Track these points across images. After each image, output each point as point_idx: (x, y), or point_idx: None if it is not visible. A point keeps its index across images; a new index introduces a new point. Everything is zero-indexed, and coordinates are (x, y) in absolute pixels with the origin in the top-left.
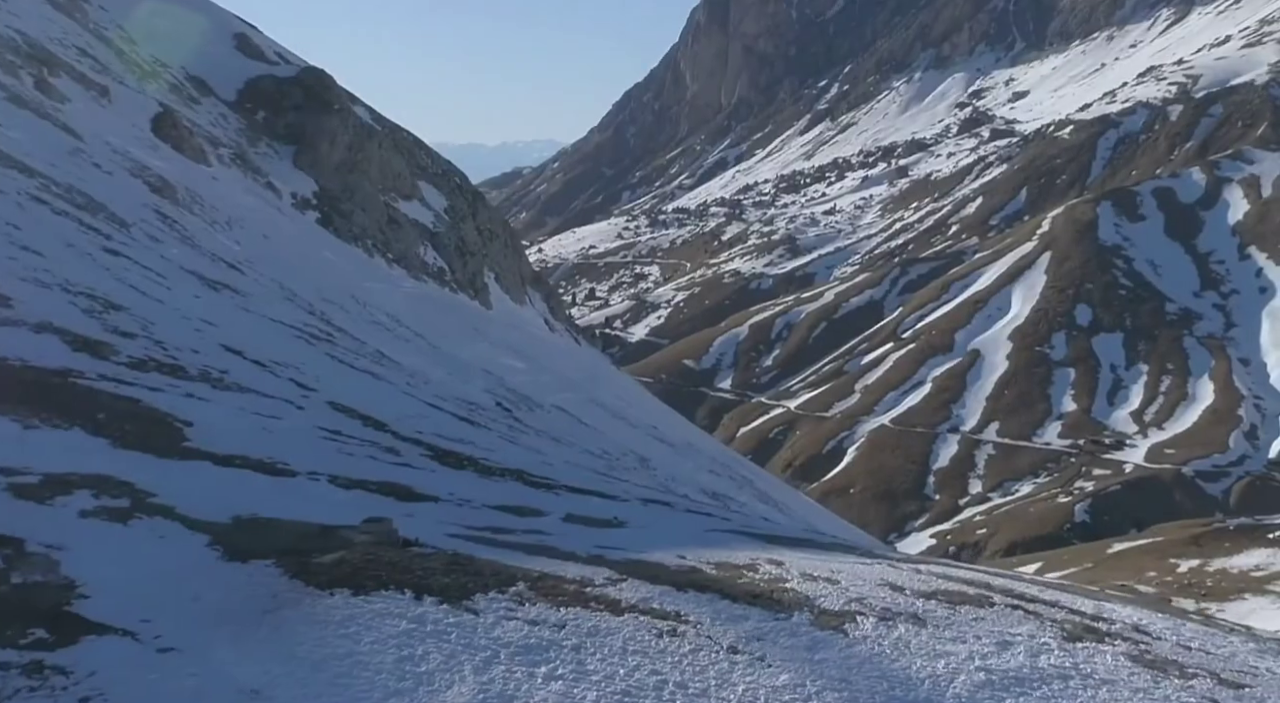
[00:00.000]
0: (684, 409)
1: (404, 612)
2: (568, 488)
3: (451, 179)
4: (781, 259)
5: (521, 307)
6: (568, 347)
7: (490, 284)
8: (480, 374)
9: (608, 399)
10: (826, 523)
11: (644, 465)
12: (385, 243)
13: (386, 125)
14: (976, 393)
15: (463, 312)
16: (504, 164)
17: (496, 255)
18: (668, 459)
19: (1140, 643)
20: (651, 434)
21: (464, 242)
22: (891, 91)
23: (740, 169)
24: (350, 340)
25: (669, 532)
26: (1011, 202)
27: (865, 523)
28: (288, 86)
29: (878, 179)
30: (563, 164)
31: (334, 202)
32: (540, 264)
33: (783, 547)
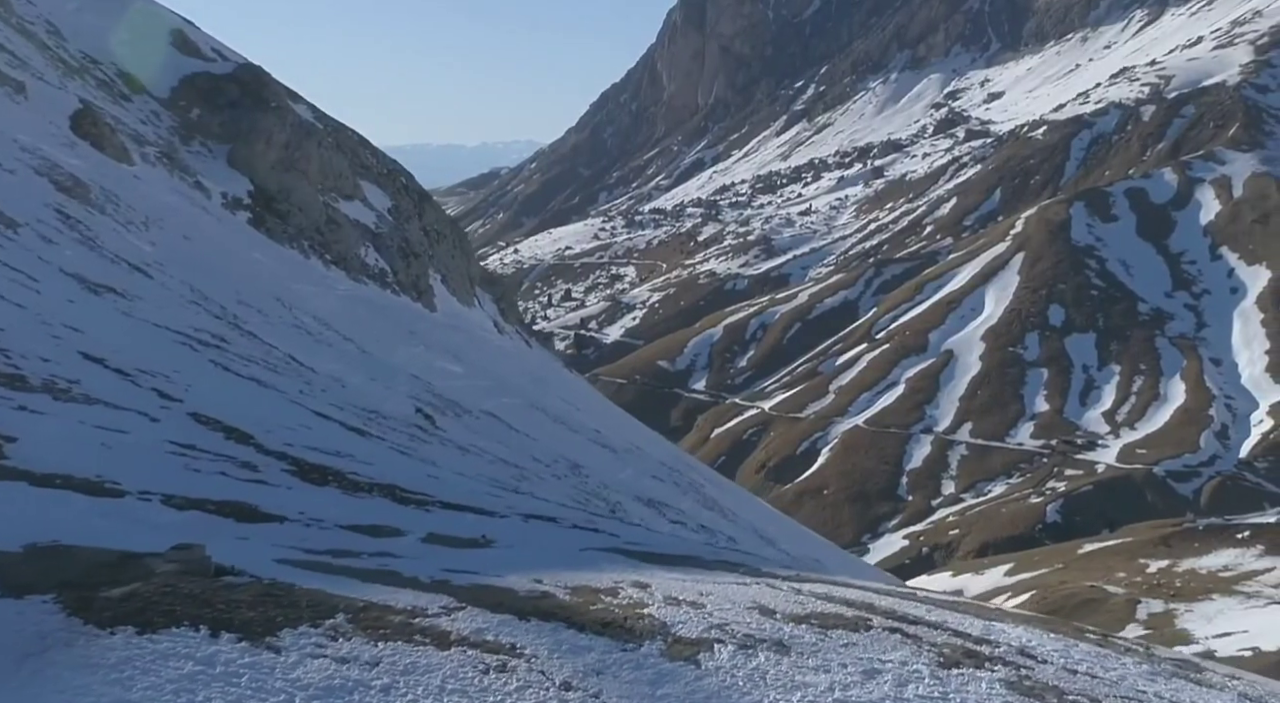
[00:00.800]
0: (658, 411)
1: (193, 652)
2: (442, 504)
3: (397, 179)
4: (757, 260)
5: (470, 309)
6: (516, 350)
7: (436, 286)
8: (407, 380)
9: (551, 403)
10: (777, 529)
11: (575, 473)
12: (324, 244)
13: (330, 124)
14: (950, 393)
15: (402, 314)
16: (483, 165)
17: (443, 257)
18: (606, 465)
19: (1022, 668)
20: (593, 439)
21: (408, 242)
22: (867, 92)
23: (717, 170)
24: (255, 345)
25: (538, 552)
26: (985, 202)
27: (839, 525)
28: (223, 83)
29: (853, 180)
30: (540, 165)
31: (269, 201)
32: (516, 265)
33: (659, 566)
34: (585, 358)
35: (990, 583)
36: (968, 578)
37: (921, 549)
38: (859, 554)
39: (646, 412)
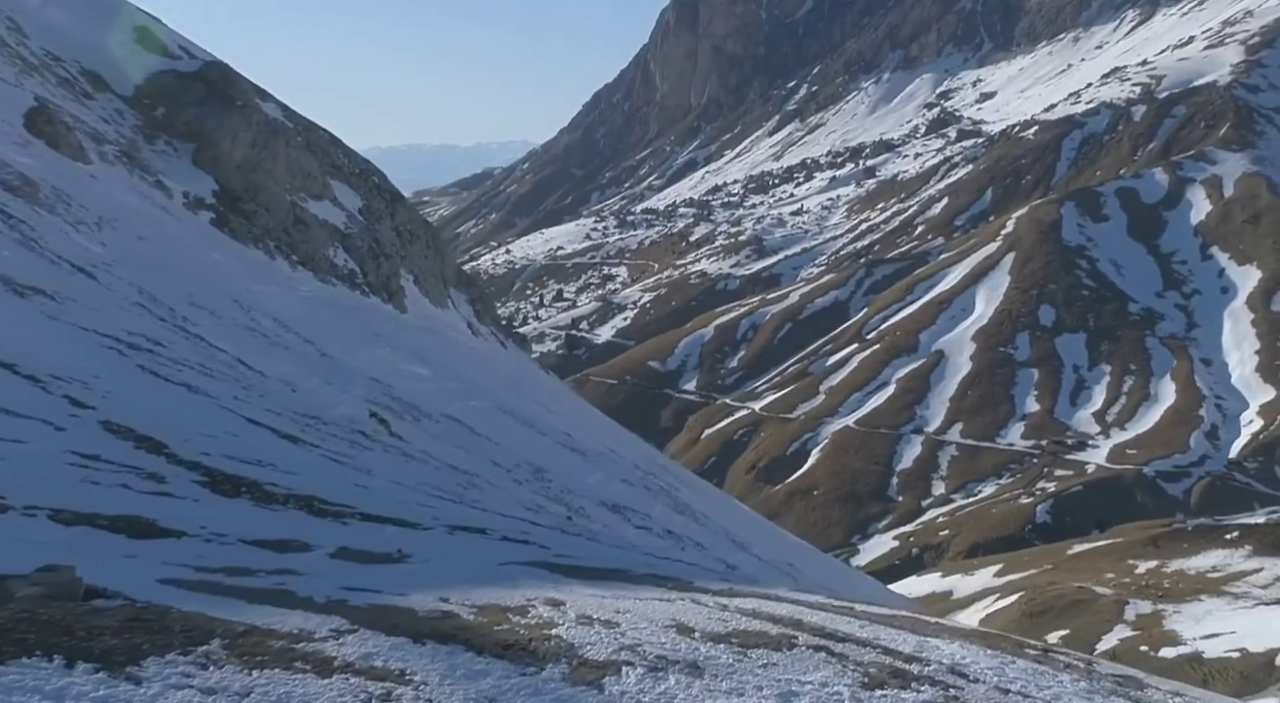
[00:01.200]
0: (649, 411)
1: (42, 684)
2: (363, 516)
3: (369, 178)
4: (748, 260)
5: (443, 310)
6: (490, 351)
7: (408, 287)
8: (366, 383)
9: (522, 406)
10: (753, 533)
11: (538, 477)
12: (291, 244)
13: (300, 122)
14: (940, 394)
15: (368, 316)
16: (478, 165)
17: (416, 257)
18: (573, 469)
19: (951, 688)
20: (563, 443)
21: (379, 243)
22: (860, 92)
23: (709, 170)
24: (198, 349)
25: (454, 567)
26: (977, 202)
27: (829, 525)
28: (189, 82)
29: (845, 180)
30: (532, 165)
31: (235, 201)
32: (508, 265)
33: (581, 581)
34: (576, 358)
35: (980, 584)
36: (957, 579)
37: (911, 550)
38: (849, 555)
39: (637, 412)
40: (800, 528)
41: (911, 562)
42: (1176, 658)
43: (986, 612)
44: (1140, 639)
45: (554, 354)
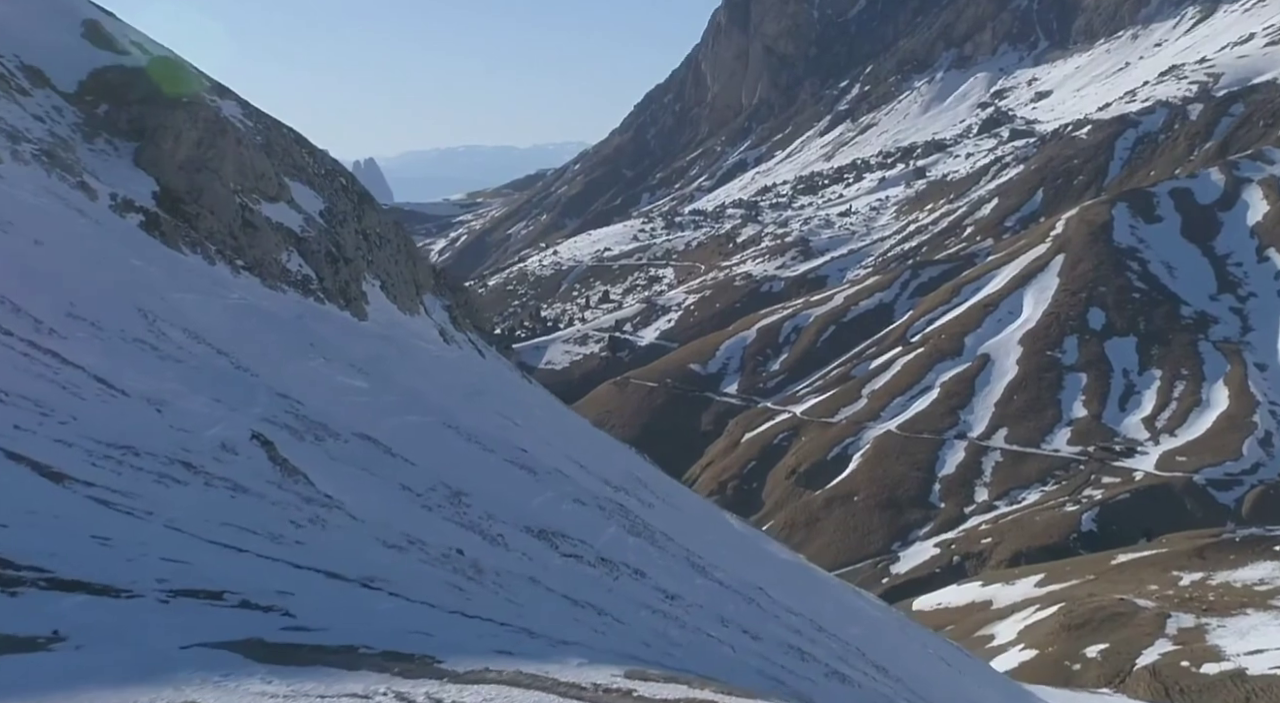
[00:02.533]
0: (688, 414)
1: None
2: (49, 582)
3: (336, 179)
4: (794, 262)
5: (412, 316)
6: (458, 360)
7: (370, 292)
8: (270, 400)
9: (475, 420)
10: (725, 554)
11: (454, 502)
12: (237, 249)
13: (263, 121)
14: (985, 398)
15: (312, 324)
16: (535, 166)
17: (384, 261)
18: (511, 491)
19: None
20: (514, 459)
21: (340, 247)
22: (913, 92)
23: (760, 170)
24: (34, 367)
25: (108, 654)
26: (1027, 203)
27: (868, 532)
28: (135, 77)
29: (895, 180)
30: (584, 166)
31: (176, 203)
32: (555, 266)
33: (268, 670)
34: (619, 361)
35: (1020, 594)
36: (997, 588)
37: (953, 558)
38: (888, 563)
39: (677, 415)
40: (839, 535)
41: (952, 570)
42: (1219, 675)
43: (1025, 624)
44: (1181, 654)
45: (596, 356)
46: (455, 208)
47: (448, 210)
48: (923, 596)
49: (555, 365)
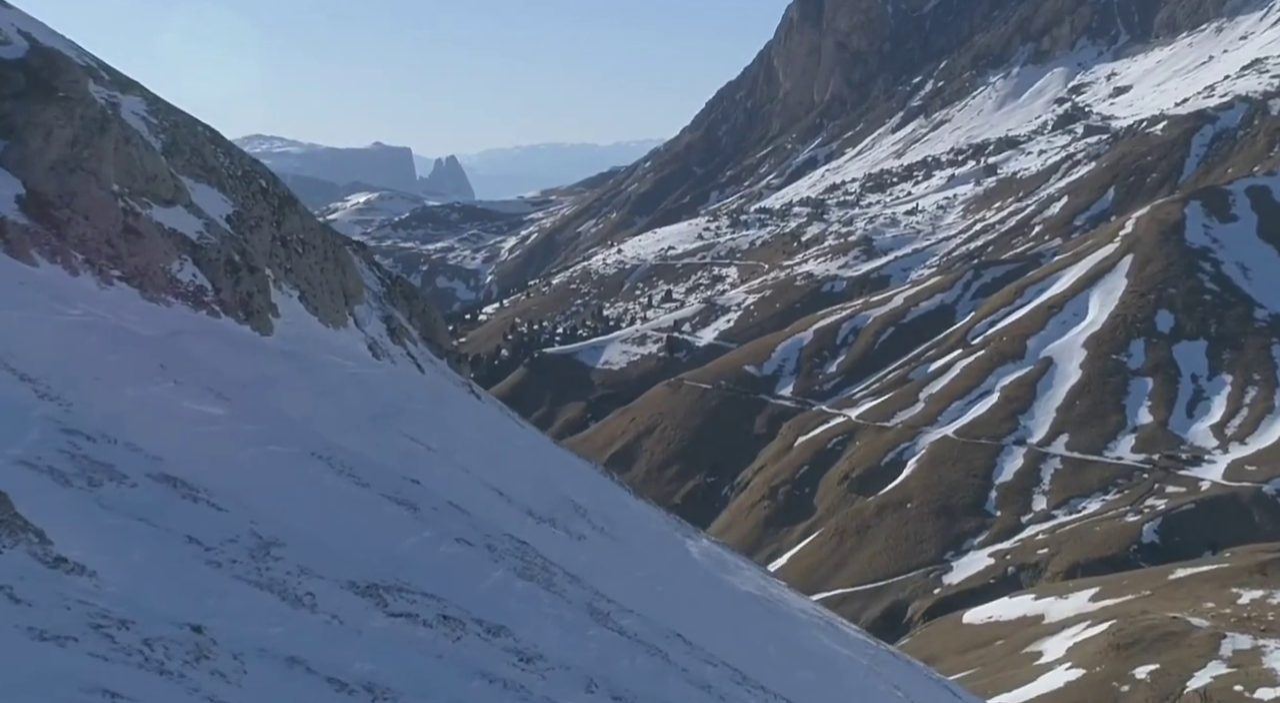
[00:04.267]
0: (742, 417)
1: None
2: None
3: (255, 181)
4: (856, 261)
5: (337, 329)
6: (380, 377)
7: (284, 304)
8: (44, 435)
9: (364, 448)
10: (647, 596)
11: (258, 555)
12: (115, 258)
13: (171, 118)
14: (1046, 403)
15: (183, 342)
16: (616, 163)
17: (306, 270)
18: (367, 533)
19: None
20: (391, 495)
21: (245, 254)
22: (988, 87)
23: (829, 168)
24: None
25: None
26: (1098, 201)
27: (921, 540)
28: (9, 71)
29: (964, 178)
30: (654, 163)
31: (45, 208)
32: (619, 265)
33: None
34: (677, 361)
35: (1074, 608)
36: (1050, 602)
37: (1007, 569)
38: (940, 573)
39: (730, 418)
40: (891, 543)
41: (1007, 581)
42: (1273, 701)
43: (1075, 641)
44: (1235, 678)
45: (654, 356)
46: (527, 206)
47: (520, 208)
48: (974, 608)
49: (613, 365)
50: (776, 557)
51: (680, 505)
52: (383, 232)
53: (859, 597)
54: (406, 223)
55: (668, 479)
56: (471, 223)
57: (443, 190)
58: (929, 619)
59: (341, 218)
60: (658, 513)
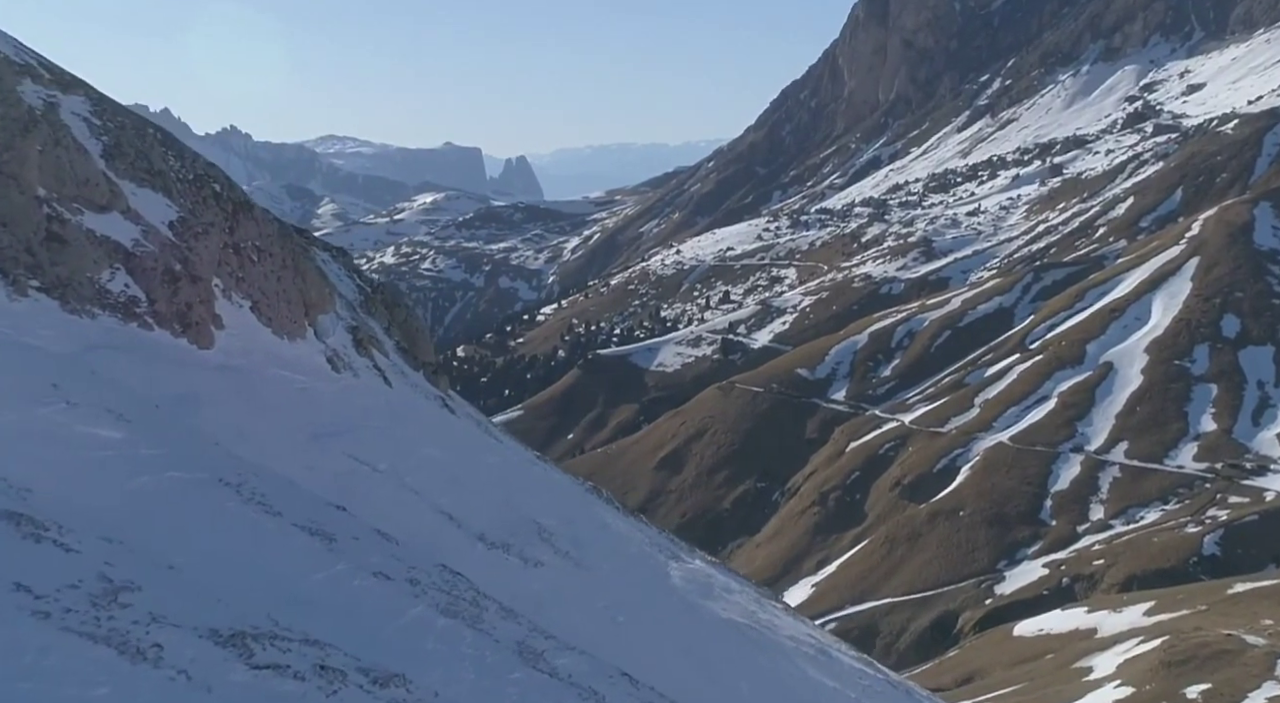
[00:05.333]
0: (793, 421)
1: None
2: None
3: (207, 186)
4: (915, 263)
5: (293, 340)
6: (334, 392)
7: (231, 314)
8: None
9: (293, 471)
10: (594, 630)
11: (101, 603)
12: (34, 267)
13: (117, 119)
14: (1105, 410)
15: (96, 359)
16: (686, 163)
17: (259, 278)
18: (271, 567)
19: None
20: (305, 525)
21: (189, 263)
22: (1057, 85)
23: (893, 168)
24: None
25: None
26: (1164, 202)
27: (973, 549)
28: None
29: (1029, 178)
30: (717, 163)
31: None
32: (677, 266)
33: None
34: (731, 364)
35: (1127, 622)
36: (1103, 616)
37: (1061, 580)
38: (992, 583)
39: (782, 422)
40: (942, 551)
41: (1061, 592)
42: None
43: (1126, 657)
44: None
45: (709, 359)
46: (591, 206)
47: (583, 209)
48: (1025, 620)
49: (667, 367)
50: (825, 564)
51: (729, 511)
52: (447, 231)
53: (908, 606)
54: (470, 223)
55: (717, 484)
56: (535, 223)
57: (512, 190)
58: (979, 631)
59: (408, 217)
60: (647, 532)
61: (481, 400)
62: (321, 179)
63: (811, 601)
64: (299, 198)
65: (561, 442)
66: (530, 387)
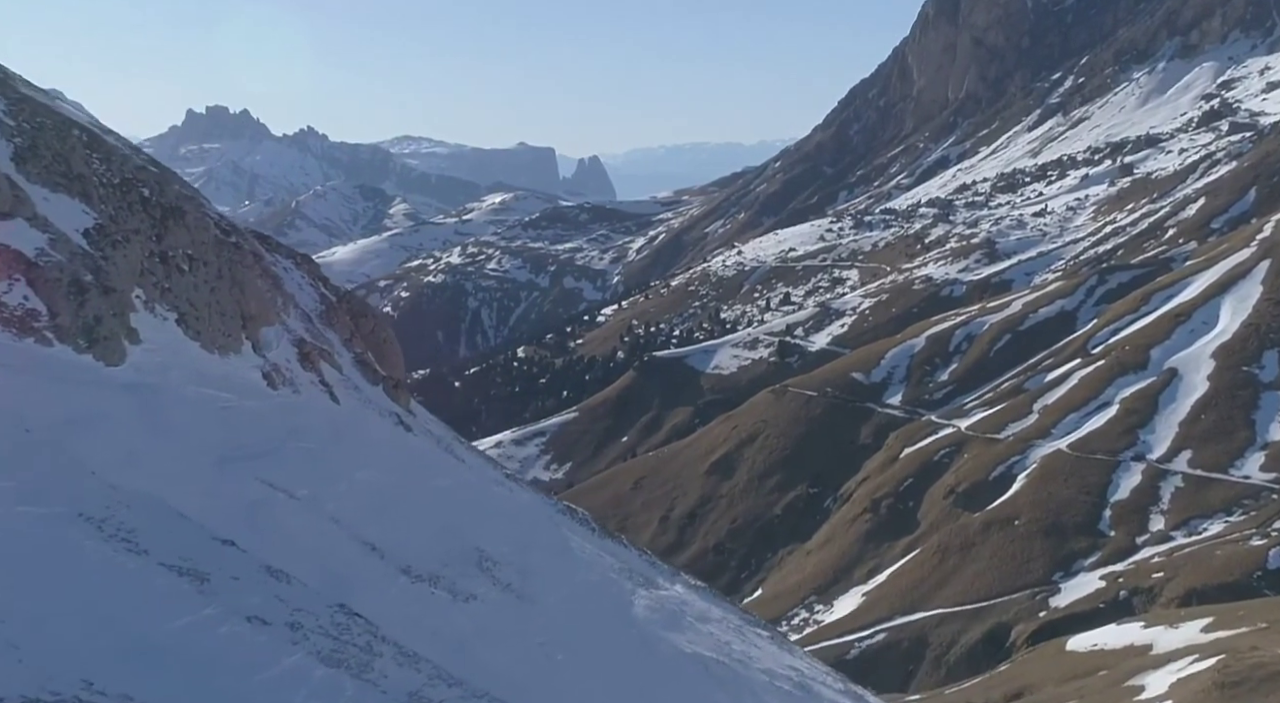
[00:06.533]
0: (847, 426)
1: None
2: None
3: (134, 191)
4: (978, 264)
5: (225, 355)
6: (260, 411)
7: (152, 328)
8: None
9: (184, 501)
10: (527, 669)
11: None
12: None
13: (37, 120)
14: (1169, 417)
15: None
16: (758, 162)
17: (188, 289)
18: (92, 618)
19: None
20: (174, 564)
21: (100, 273)
22: (1131, 83)
23: (961, 167)
24: None
25: None
26: (1237, 203)
27: (1027, 560)
28: None
29: (1098, 178)
30: (784, 163)
31: None
32: (738, 267)
33: None
34: (788, 367)
35: (1183, 639)
36: (1159, 632)
37: (1119, 593)
38: (1047, 595)
39: (835, 427)
40: (996, 562)
41: (1118, 606)
42: None
43: (1180, 675)
44: None
45: (765, 361)
46: (657, 206)
47: (649, 209)
48: (1079, 634)
49: (723, 370)
50: (876, 573)
51: (780, 517)
52: (513, 232)
53: (959, 618)
54: (536, 223)
55: (768, 489)
56: (601, 223)
57: (584, 191)
58: (1032, 644)
59: (476, 217)
60: (625, 555)
61: (539, 402)
62: (395, 179)
63: (861, 610)
64: (371, 198)
65: (615, 444)
66: (589, 388)
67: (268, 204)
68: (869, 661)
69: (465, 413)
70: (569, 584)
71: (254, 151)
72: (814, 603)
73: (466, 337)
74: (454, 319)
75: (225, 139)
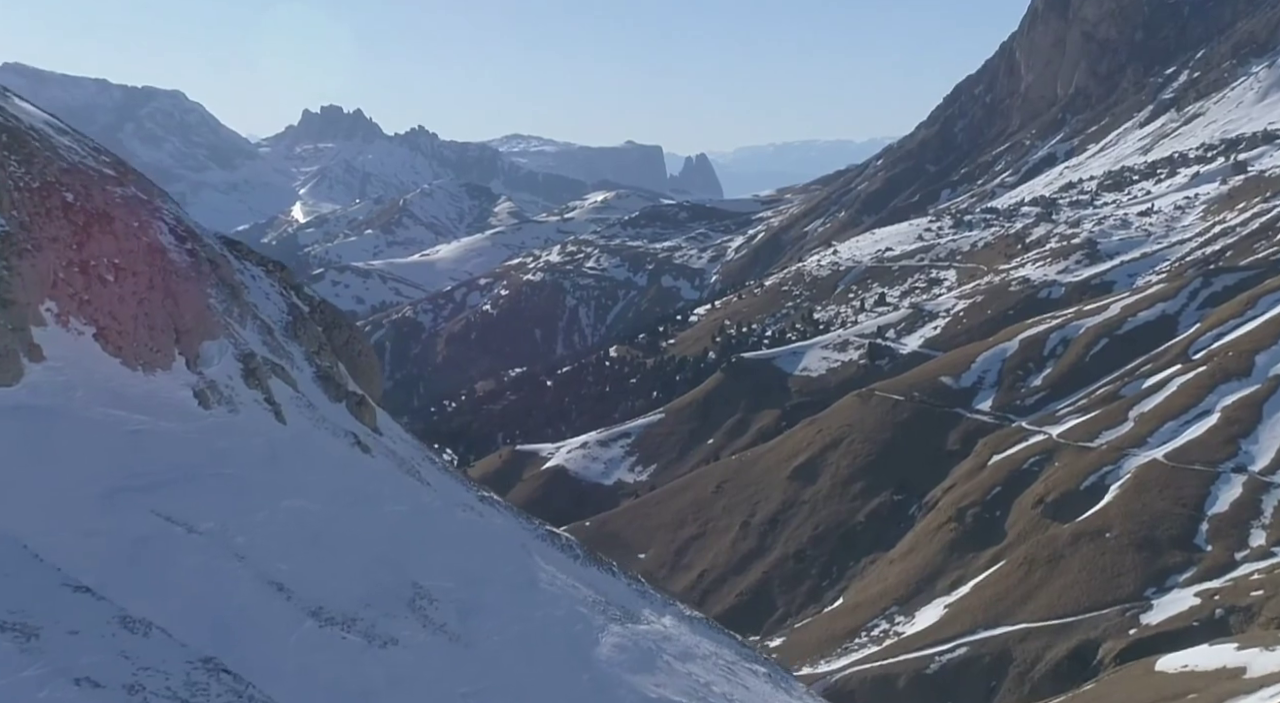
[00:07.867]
0: (934, 432)
1: None
2: None
3: (55, 195)
4: (1079, 266)
5: (150, 372)
6: (181, 434)
7: (55, 343)
8: None
9: (61, 537)
10: None
11: None
12: None
13: None
14: (1273, 427)
15: None
16: None
17: (111, 302)
18: None
19: None
20: (60, 582)
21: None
22: (1249, 77)
23: (1068, 165)
24: None
25: None
26: None
27: (1118, 574)
28: None
29: (1210, 176)
30: (886, 161)
31: None
32: (833, 267)
33: None
34: (878, 369)
35: (1278, 663)
36: (1254, 654)
37: (1215, 611)
38: (1139, 611)
39: (922, 432)
40: (1085, 575)
41: (1213, 624)
42: None
43: (1273, 701)
44: None
45: (855, 364)
46: (757, 205)
47: (750, 207)
48: (1169, 654)
49: (811, 372)
50: (959, 585)
51: (863, 524)
52: (613, 230)
53: (1044, 633)
54: (635, 221)
55: (852, 496)
56: (700, 222)
57: (691, 189)
58: (1120, 663)
59: (578, 216)
60: (608, 585)
61: (630, 402)
62: (503, 177)
63: (943, 623)
64: (477, 196)
65: (701, 447)
66: (678, 389)
67: (377, 202)
68: (949, 675)
69: (556, 412)
70: (522, 622)
71: (366, 151)
72: (895, 614)
73: (564, 335)
74: (552, 318)
75: (339, 138)
